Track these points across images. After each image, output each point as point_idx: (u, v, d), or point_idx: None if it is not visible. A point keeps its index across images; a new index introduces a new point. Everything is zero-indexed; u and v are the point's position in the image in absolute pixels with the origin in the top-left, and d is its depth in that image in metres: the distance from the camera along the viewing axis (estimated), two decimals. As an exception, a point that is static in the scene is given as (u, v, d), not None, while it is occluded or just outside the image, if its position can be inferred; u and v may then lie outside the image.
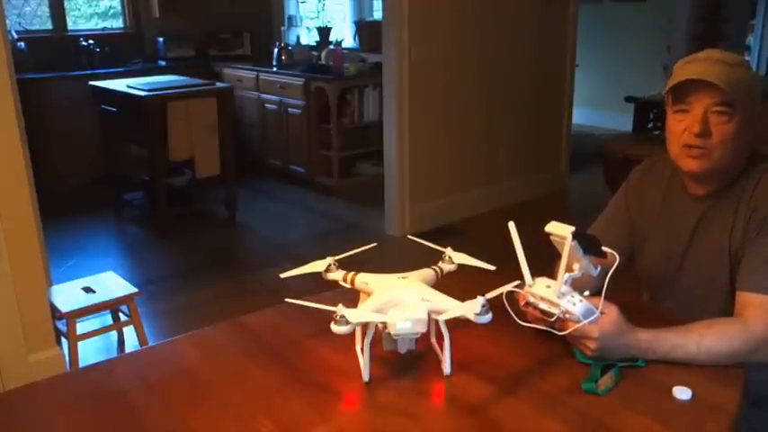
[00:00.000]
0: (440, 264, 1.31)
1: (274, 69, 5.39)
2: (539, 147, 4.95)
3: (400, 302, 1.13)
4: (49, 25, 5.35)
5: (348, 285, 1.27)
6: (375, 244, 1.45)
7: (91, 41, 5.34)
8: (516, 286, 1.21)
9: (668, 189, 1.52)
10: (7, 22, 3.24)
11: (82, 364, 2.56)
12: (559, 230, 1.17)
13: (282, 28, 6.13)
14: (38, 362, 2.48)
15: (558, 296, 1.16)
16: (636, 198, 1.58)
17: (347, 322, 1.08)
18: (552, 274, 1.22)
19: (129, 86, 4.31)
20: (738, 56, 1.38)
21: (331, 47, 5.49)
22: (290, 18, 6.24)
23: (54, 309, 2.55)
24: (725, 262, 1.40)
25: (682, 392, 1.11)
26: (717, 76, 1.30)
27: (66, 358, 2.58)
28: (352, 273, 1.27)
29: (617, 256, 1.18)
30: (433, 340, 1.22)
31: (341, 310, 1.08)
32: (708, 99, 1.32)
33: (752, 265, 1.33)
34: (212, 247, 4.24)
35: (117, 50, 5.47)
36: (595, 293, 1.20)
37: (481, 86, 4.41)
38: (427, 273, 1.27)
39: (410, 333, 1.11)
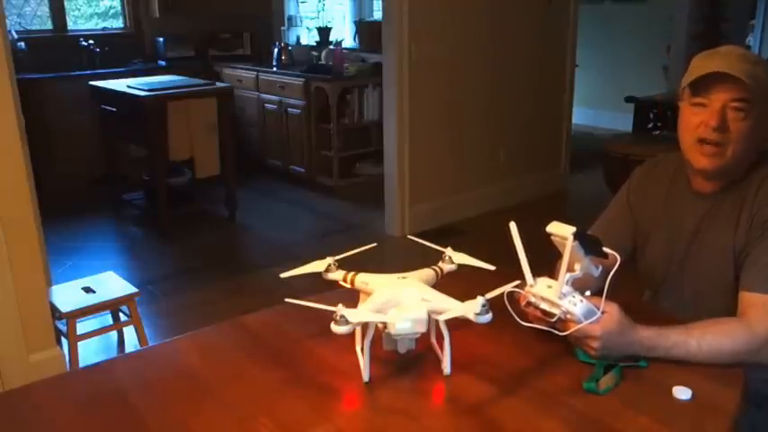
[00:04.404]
0: (440, 264, 1.31)
1: (274, 69, 5.39)
2: (539, 147, 4.95)
3: (400, 302, 1.13)
4: (49, 25, 5.35)
5: (348, 285, 1.26)
6: (375, 244, 1.45)
7: (91, 41, 5.33)
8: (517, 286, 1.21)
9: (671, 187, 1.52)
10: (7, 22, 3.24)
11: (82, 364, 2.56)
12: (560, 231, 1.17)
13: (282, 28, 6.13)
14: (38, 362, 2.48)
15: (559, 297, 1.16)
16: (638, 197, 1.58)
17: (347, 322, 1.08)
18: (553, 274, 1.22)
19: (129, 86, 4.31)
20: (757, 55, 1.39)
21: (331, 47, 5.49)
22: (290, 18, 6.24)
23: (54, 309, 2.54)
24: (729, 261, 1.40)
25: (682, 392, 1.11)
26: (740, 72, 1.30)
27: (66, 358, 2.58)
28: (352, 273, 1.26)
29: (618, 257, 1.18)
30: (433, 340, 1.22)
31: (341, 310, 1.08)
32: (727, 94, 1.32)
33: (755, 265, 1.33)
34: (212, 247, 4.24)
35: (117, 50, 5.46)
36: (596, 293, 1.20)
37: (481, 86, 4.41)
38: (427, 273, 1.26)
39: (410, 333, 1.11)
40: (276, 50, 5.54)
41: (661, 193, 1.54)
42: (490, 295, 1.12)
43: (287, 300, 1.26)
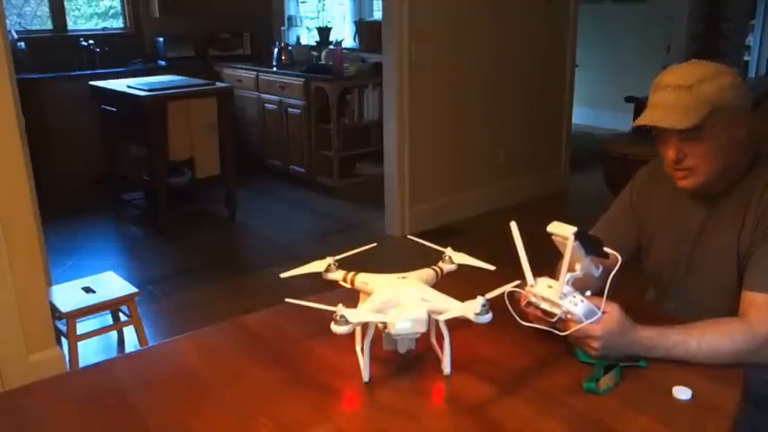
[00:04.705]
0: (440, 264, 1.31)
1: (274, 69, 5.39)
2: (539, 147, 4.95)
3: (400, 302, 1.13)
4: (49, 25, 5.35)
5: (348, 285, 1.27)
6: (375, 244, 1.45)
7: (91, 41, 5.33)
8: (517, 286, 1.21)
9: (675, 189, 1.52)
10: (7, 22, 3.24)
11: (82, 364, 2.56)
12: (561, 231, 1.17)
13: (282, 28, 6.13)
14: (38, 362, 2.48)
15: (559, 297, 1.16)
16: (642, 198, 1.58)
17: (347, 322, 1.08)
18: (553, 274, 1.22)
19: (129, 86, 4.31)
20: (705, 67, 1.34)
21: (331, 47, 5.49)
22: (290, 18, 6.24)
23: (54, 309, 2.54)
24: (733, 263, 1.40)
25: (682, 392, 1.11)
26: (672, 112, 1.30)
27: (66, 358, 2.58)
28: (352, 273, 1.27)
29: (619, 258, 1.18)
30: (433, 340, 1.22)
31: (341, 310, 1.08)
32: (675, 130, 1.33)
33: (758, 265, 1.33)
34: (212, 247, 4.24)
35: (117, 50, 5.46)
36: (597, 293, 1.20)
37: (481, 86, 4.41)
38: (427, 273, 1.26)
39: (410, 333, 1.11)
40: (276, 50, 5.54)
41: (665, 194, 1.53)
42: (490, 295, 1.12)
43: (287, 300, 1.26)
